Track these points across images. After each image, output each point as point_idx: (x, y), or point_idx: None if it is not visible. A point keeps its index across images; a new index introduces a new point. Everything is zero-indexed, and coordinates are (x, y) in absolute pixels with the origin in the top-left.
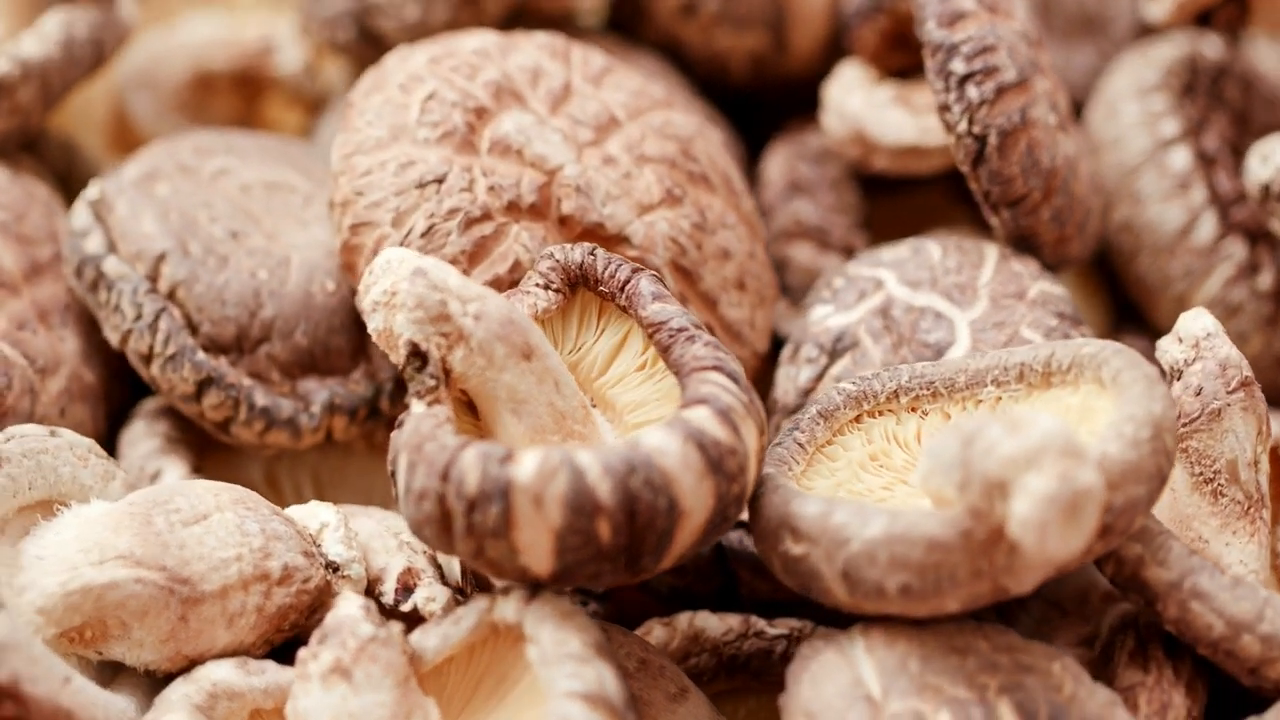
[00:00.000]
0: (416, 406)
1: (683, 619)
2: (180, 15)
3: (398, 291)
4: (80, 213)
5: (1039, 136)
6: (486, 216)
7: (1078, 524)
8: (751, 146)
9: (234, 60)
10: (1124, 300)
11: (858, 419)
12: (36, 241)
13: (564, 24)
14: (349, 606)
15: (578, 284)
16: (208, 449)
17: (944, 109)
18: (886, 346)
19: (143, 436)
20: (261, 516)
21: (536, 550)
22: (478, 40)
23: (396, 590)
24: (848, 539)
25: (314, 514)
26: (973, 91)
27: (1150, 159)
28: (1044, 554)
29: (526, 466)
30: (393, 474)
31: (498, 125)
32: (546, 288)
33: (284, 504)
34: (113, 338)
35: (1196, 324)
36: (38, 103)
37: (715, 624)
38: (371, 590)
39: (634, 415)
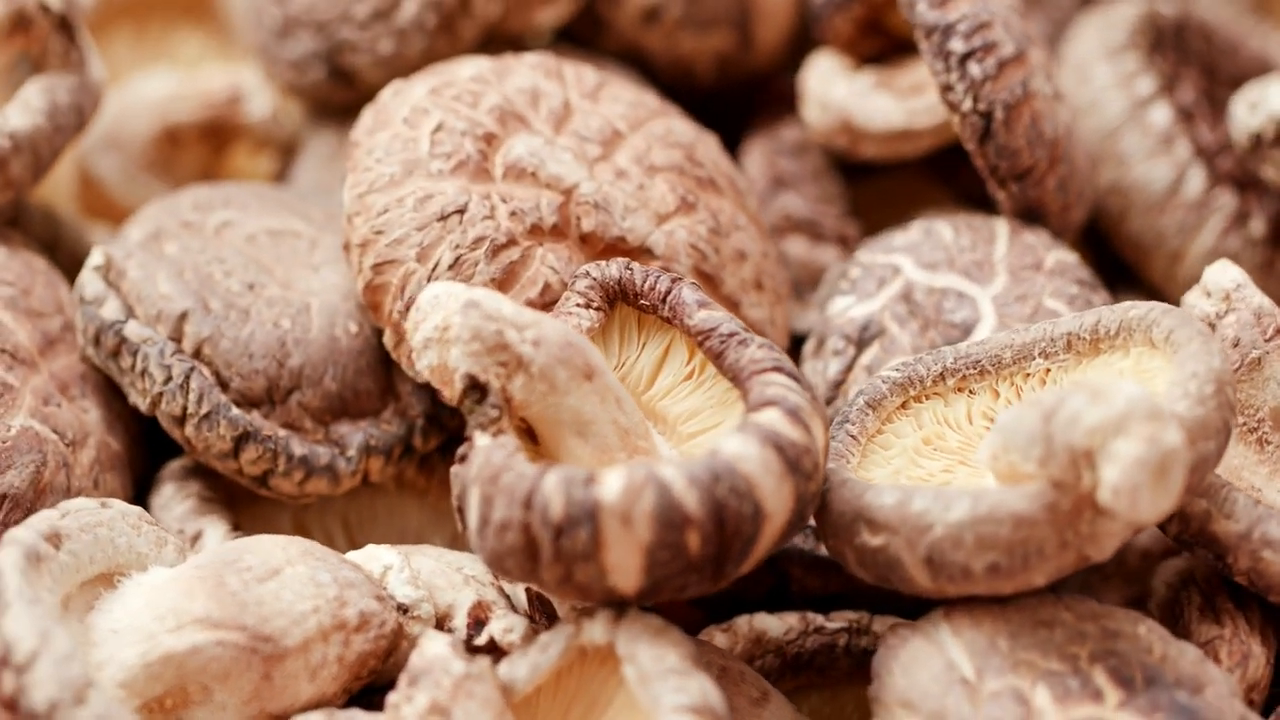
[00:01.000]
0: (481, 439)
1: (742, 623)
2: (128, 76)
3: (450, 326)
4: (91, 280)
5: (1041, 107)
6: (512, 242)
7: (1167, 485)
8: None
9: (201, 112)
10: (1111, 262)
11: (904, 405)
12: (45, 314)
13: (528, 42)
14: (436, 645)
15: (616, 300)
16: (237, 504)
17: (946, 89)
18: (914, 331)
19: (175, 499)
20: (331, 565)
21: (625, 569)
22: (472, 67)
23: (468, 625)
24: (930, 525)
25: (375, 557)
26: (975, 69)
27: (1130, 119)
28: (1136, 518)
29: (612, 486)
30: (459, 510)
31: (509, 150)
32: (587, 306)
33: None
34: (141, 402)
35: (1225, 276)
36: (29, 174)
37: (775, 625)
38: (440, 628)
39: (688, 425)
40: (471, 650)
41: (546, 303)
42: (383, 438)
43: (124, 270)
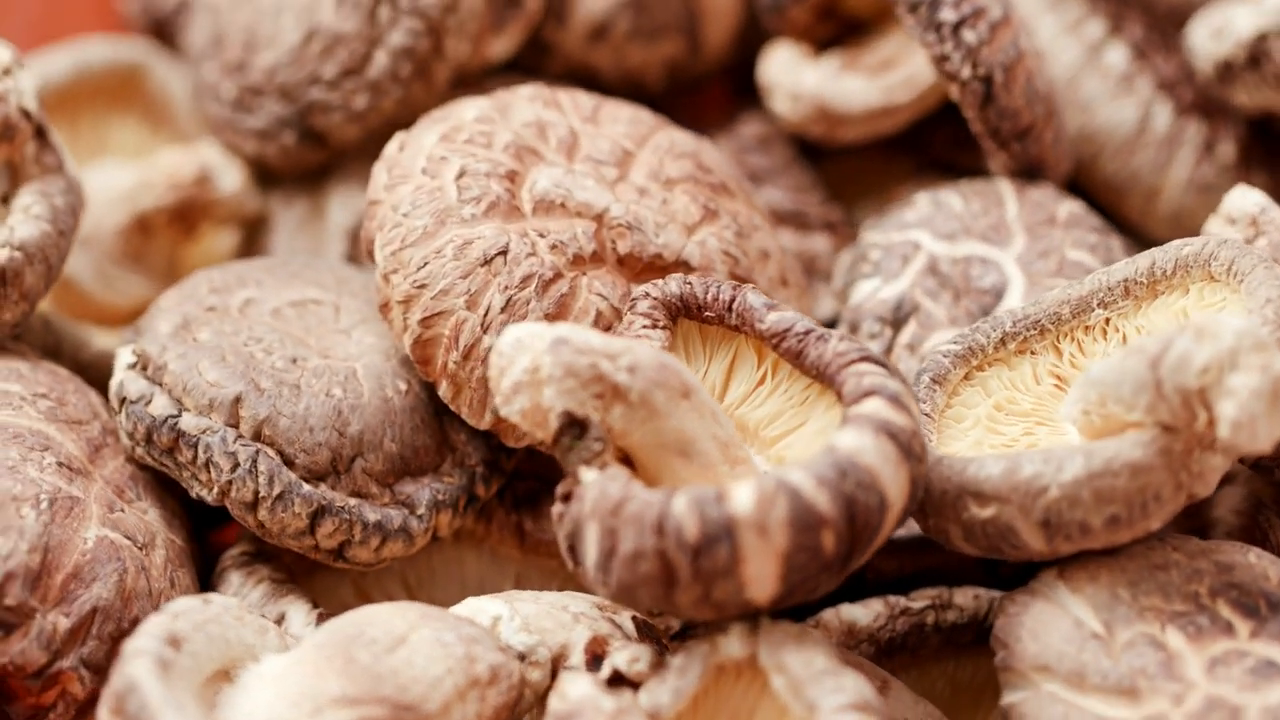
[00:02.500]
0: (587, 474)
1: (830, 617)
2: (82, 170)
3: (540, 366)
4: (131, 380)
5: (1032, 65)
6: (558, 275)
7: None
8: None
9: (171, 195)
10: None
11: (967, 377)
12: (84, 421)
13: (486, 76)
14: (579, 686)
15: (678, 316)
16: (299, 580)
17: (942, 60)
18: (947, 302)
19: (246, 586)
20: (451, 625)
21: (763, 579)
22: (473, 109)
23: (587, 662)
24: (1044, 487)
25: (481, 610)
26: (969, 35)
27: (1087, 64)
28: (1255, 448)
29: (744, 499)
30: (570, 550)
31: (533, 184)
32: (654, 326)
33: None
34: (206, 494)
35: (1247, 201)
36: (42, 284)
37: (863, 613)
38: (557, 670)
39: (770, 430)
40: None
41: (601, 330)
42: (448, 491)
43: (163, 364)
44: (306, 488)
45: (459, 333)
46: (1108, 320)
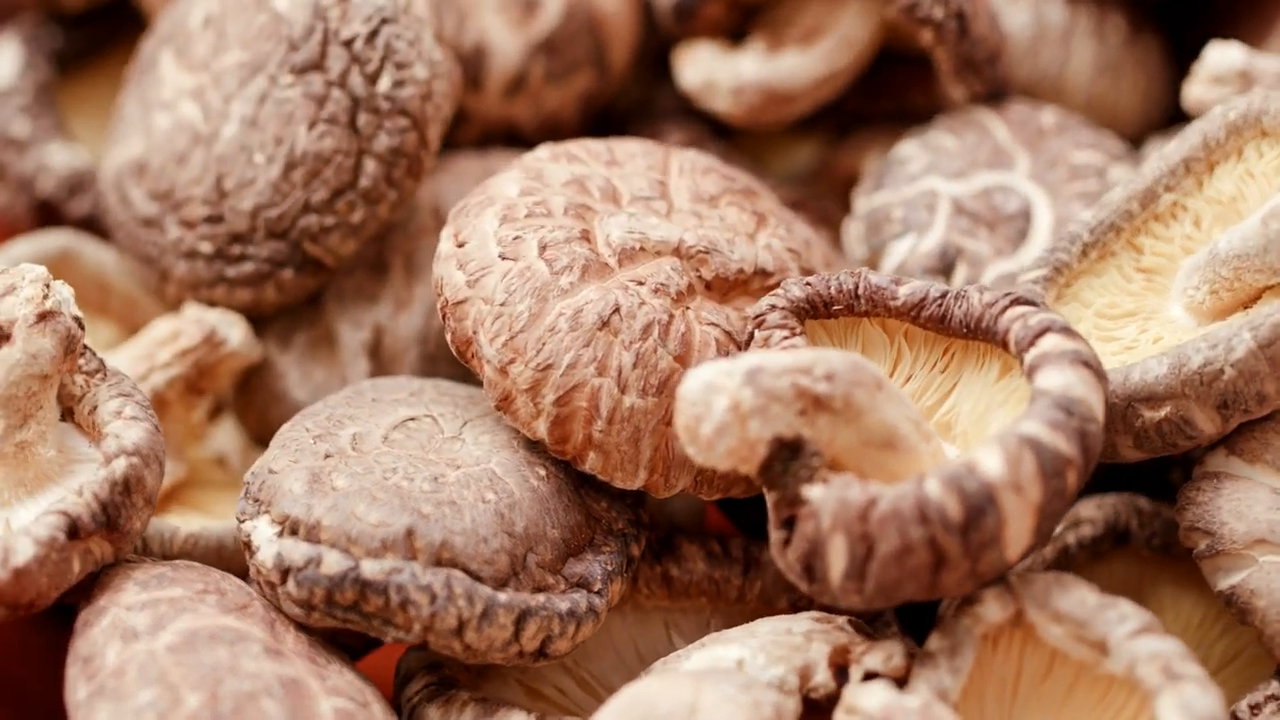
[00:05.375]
0: (812, 491)
1: None
2: None
3: (740, 401)
4: (289, 549)
5: None
6: (671, 316)
7: None
8: None
9: (182, 366)
10: None
11: (1059, 296)
12: (247, 605)
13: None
14: (875, 695)
15: (804, 318)
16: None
17: (912, 8)
18: (985, 237)
19: (451, 715)
20: (721, 679)
21: (1020, 537)
22: (511, 184)
23: (833, 675)
24: (1218, 371)
25: (723, 657)
26: None
27: None
28: None
29: (994, 463)
30: (806, 570)
31: (605, 237)
32: (792, 333)
33: (551, 706)
34: (405, 634)
35: (1228, 56)
36: (158, 482)
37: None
38: (805, 691)
39: (924, 400)
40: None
41: (720, 358)
42: (613, 560)
43: (316, 522)
44: (503, 597)
45: (597, 400)
46: (1175, 203)
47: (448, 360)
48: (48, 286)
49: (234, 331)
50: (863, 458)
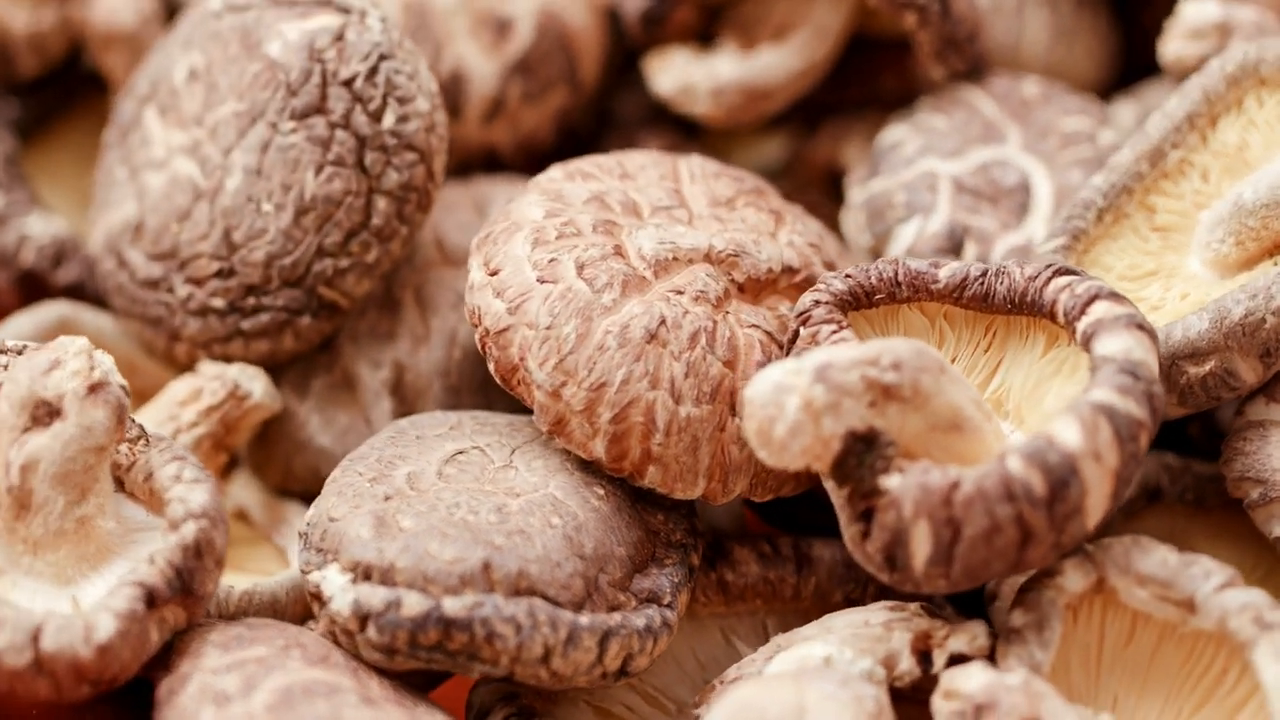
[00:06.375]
0: (889, 480)
1: None
2: None
3: (813, 399)
4: (366, 593)
5: None
6: (715, 322)
7: None
8: None
9: (209, 424)
10: None
11: (1078, 265)
12: (327, 656)
13: None
14: (975, 676)
15: (848, 310)
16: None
17: None
18: (989, 213)
19: None
20: (819, 677)
21: (1099, 505)
22: (535, 207)
23: (917, 662)
24: (1259, 321)
25: (808, 656)
26: None
27: None
28: None
29: (1070, 434)
30: (888, 560)
31: (637, 251)
32: (841, 326)
33: None
34: (494, 668)
35: (1204, 10)
36: (225, 541)
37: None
38: (891, 680)
39: (973, 379)
40: (931, 680)
41: (766, 359)
42: (677, 571)
43: (390, 565)
44: (585, 620)
45: (653, 414)
46: (1182, 159)
47: (470, 391)
48: (91, 357)
49: (256, 384)
50: (930, 442)
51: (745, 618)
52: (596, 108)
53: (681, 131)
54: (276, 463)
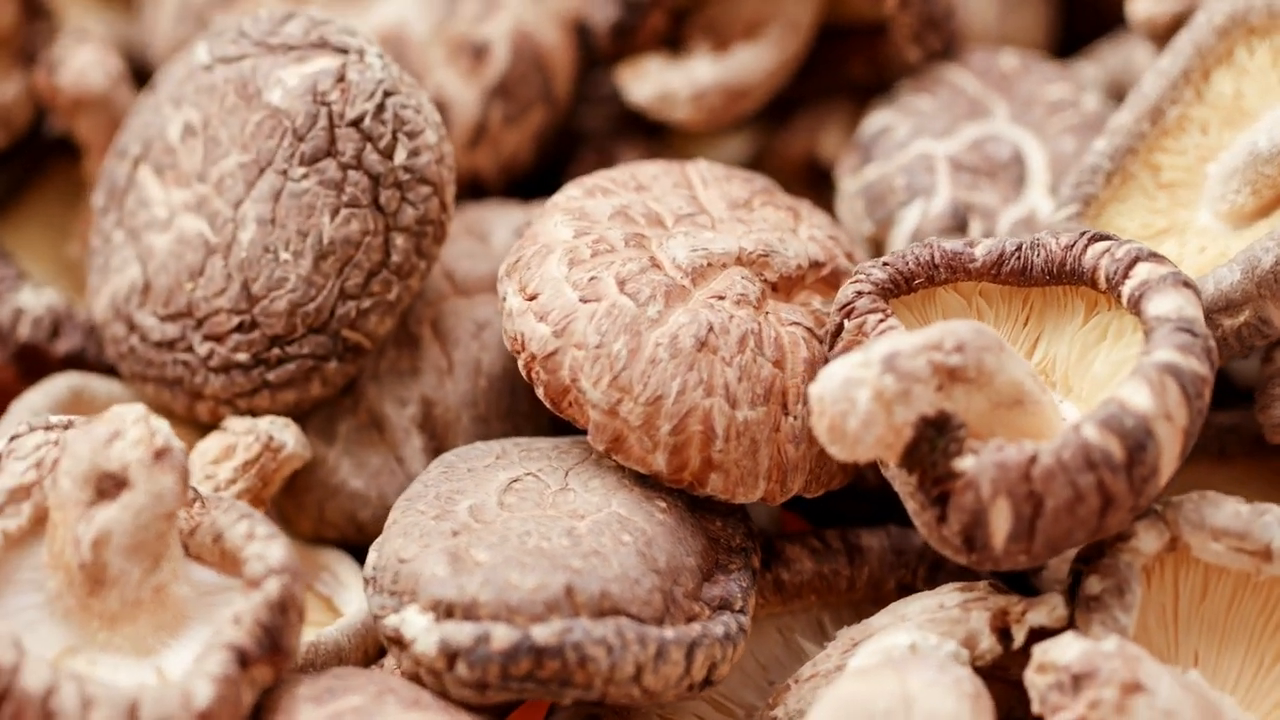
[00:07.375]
0: (964, 462)
1: None
2: None
3: (884, 389)
4: (452, 631)
5: None
6: (758, 324)
7: None
8: None
9: (249, 480)
10: None
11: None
12: (419, 700)
13: None
14: (1070, 647)
15: (889, 298)
16: None
17: None
18: (987, 188)
19: None
20: (919, 665)
21: (1170, 464)
22: (564, 227)
23: (997, 640)
24: None
25: (893, 645)
26: None
27: None
28: None
29: (1142, 395)
30: (967, 541)
31: (671, 260)
32: (886, 315)
33: None
34: (586, 693)
35: None
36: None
37: None
38: (972, 661)
39: (1018, 351)
40: (1015, 655)
41: (811, 356)
42: (745, 575)
43: (472, 600)
44: (670, 634)
45: (711, 421)
46: (1181, 116)
47: (499, 419)
48: (150, 424)
49: (288, 434)
50: (994, 420)
51: (800, 615)
52: (565, 124)
53: (648, 137)
54: (308, 511)
